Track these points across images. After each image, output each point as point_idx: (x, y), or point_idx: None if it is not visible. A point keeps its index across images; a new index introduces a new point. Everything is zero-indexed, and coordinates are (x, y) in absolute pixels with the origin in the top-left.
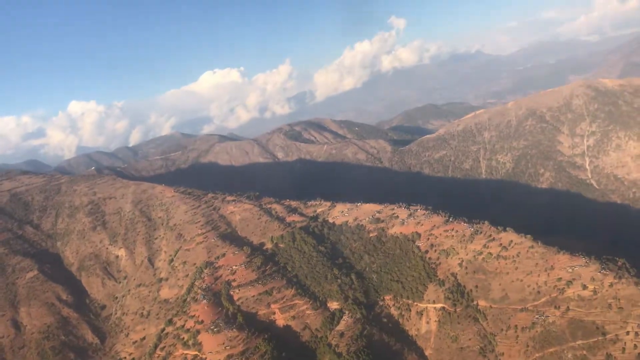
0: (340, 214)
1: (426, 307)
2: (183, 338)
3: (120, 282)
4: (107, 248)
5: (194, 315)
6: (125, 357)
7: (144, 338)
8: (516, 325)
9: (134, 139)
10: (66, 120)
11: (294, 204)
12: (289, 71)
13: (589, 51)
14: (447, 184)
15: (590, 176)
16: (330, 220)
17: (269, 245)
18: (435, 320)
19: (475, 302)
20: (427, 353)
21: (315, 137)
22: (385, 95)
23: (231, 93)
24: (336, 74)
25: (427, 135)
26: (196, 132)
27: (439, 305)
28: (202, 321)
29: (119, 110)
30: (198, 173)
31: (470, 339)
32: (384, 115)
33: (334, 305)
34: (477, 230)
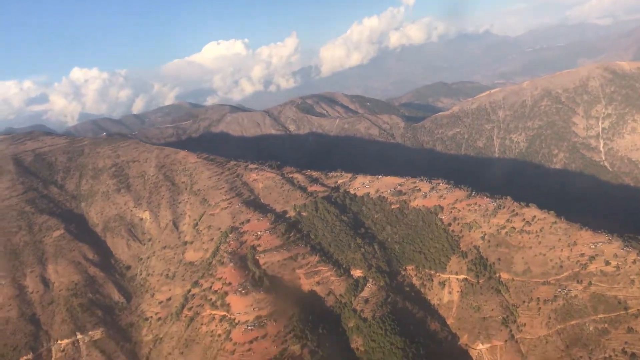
0: (362, 185)
1: (448, 278)
2: (211, 299)
3: (144, 244)
4: (131, 210)
5: (221, 278)
6: (151, 317)
7: (169, 299)
8: (538, 298)
9: (137, 107)
10: (69, 86)
11: (314, 174)
12: (295, 44)
13: (600, 35)
14: (460, 161)
15: (604, 158)
16: (352, 192)
17: (291, 214)
18: (458, 291)
19: (497, 275)
20: (448, 322)
21: (327, 111)
22: (392, 73)
23: (235, 65)
24: (343, 49)
25: (441, 113)
26: (200, 103)
27: (461, 277)
28: (230, 283)
29: (123, 78)
30: (209, 142)
31: (492, 310)
32: (390, 92)
33: (357, 273)
34: (500, 205)
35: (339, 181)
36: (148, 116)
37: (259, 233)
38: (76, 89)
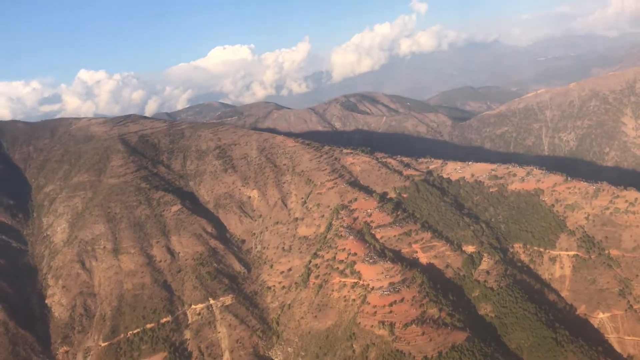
0: (454, 170)
1: (559, 254)
2: (338, 268)
3: (255, 220)
4: (239, 189)
5: (344, 249)
6: (274, 285)
7: (290, 269)
8: None
9: (150, 108)
10: (81, 87)
11: (405, 159)
12: (307, 49)
13: (609, 46)
14: (511, 158)
15: None
16: (445, 176)
17: (392, 195)
18: (569, 266)
19: (606, 251)
20: (563, 294)
21: (370, 109)
22: (403, 79)
23: (243, 69)
24: (354, 54)
25: (488, 112)
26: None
27: (572, 253)
28: (355, 253)
29: (136, 80)
30: None
31: (608, 282)
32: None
33: (469, 248)
34: (599, 188)
35: (431, 167)
36: (180, 114)
37: (369, 211)
38: (88, 90)
